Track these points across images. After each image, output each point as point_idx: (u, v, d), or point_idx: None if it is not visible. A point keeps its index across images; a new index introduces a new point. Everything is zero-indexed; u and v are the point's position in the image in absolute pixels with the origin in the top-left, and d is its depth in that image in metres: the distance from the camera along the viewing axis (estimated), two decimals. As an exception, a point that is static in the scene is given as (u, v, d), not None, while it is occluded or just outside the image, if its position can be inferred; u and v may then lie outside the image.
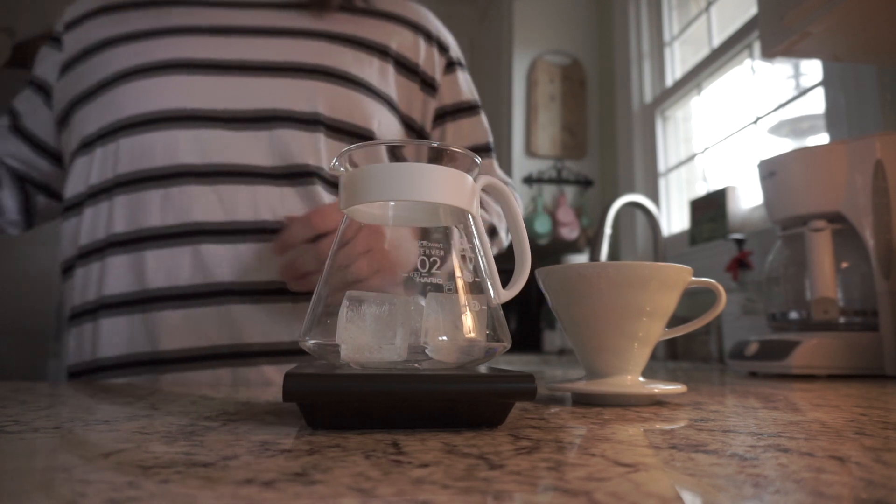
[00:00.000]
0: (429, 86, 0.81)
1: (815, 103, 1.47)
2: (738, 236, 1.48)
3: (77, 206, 0.72)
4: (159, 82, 0.69)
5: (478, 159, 0.37)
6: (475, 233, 0.37)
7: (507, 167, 2.56)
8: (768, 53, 0.95)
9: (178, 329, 0.66)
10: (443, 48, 0.83)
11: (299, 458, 0.24)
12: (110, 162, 0.69)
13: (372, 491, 0.19)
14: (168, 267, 0.67)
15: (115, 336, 0.67)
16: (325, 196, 0.71)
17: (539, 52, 2.57)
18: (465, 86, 0.85)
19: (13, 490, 0.19)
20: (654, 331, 0.45)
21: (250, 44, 0.72)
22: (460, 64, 0.86)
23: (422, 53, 0.81)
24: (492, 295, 0.36)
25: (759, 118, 1.65)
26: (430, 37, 0.82)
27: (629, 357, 0.45)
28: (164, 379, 0.66)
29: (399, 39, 0.79)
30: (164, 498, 0.18)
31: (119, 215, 0.68)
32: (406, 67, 0.80)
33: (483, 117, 0.87)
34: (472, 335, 0.33)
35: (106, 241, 0.68)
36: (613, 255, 2.21)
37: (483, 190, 0.39)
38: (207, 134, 0.68)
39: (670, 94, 2.11)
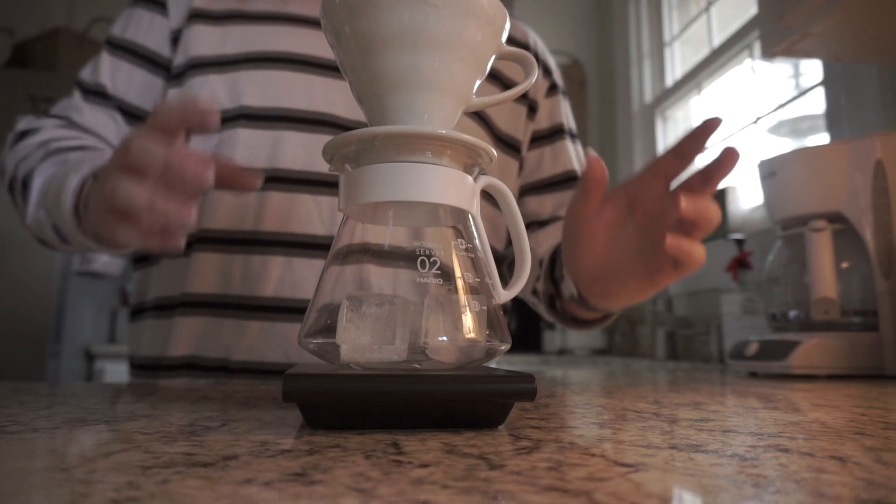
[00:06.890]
0: (531, 109, 0.80)
1: (815, 103, 1.47)
2: (738, 236, 1.48)
3: None
4: (279, 76, 0.67)
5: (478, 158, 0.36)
6: (475, 233, 0.37)
7: (507, 167, 2.55)
8: (768, 53, 0.95)
9: (254, 338, 0.64)
10: (547, 71, 0.83)
11: (299, 458, 0.24)
12: (222, 152, 0.66)
13: (372, 491, 0.19)
14: (257, 274, 0.64)
15: (187, 335, 0.65)
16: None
17: (539, 52, 2.57)
18: (564, 110, 0.84)
19: (13, 490, 0.19)
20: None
21: None
22: (563, 92, 0.85)
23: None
24: (492, 295, 0.36)
25: (759, 118, 1.65)
26: (537, 58, 0.81)
27: None
28: (233, 383, 0.63)
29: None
30: (164, 498, 0.18)
31: (216, 210, 0.66)
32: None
33: (579, 146, 0.85)
34: (472, 335, 0.33)
35: (196, 235, 0.66)
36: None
37: (483, 190, 0.39)
38: (317, 140, 0.67)
39: (670, 94, 2.11)
